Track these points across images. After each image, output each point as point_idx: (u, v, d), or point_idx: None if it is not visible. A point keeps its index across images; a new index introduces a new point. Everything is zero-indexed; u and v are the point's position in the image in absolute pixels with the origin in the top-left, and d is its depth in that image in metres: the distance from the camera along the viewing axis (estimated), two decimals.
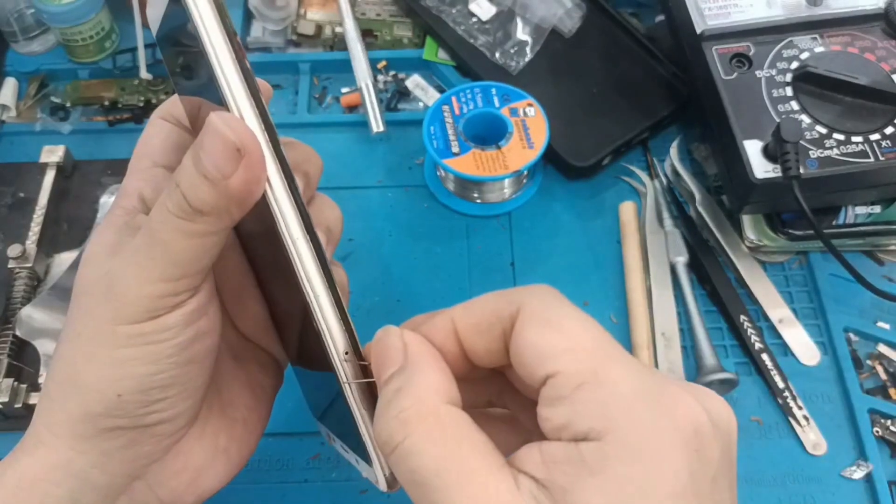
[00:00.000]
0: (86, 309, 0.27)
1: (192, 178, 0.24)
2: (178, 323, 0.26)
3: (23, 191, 0.52)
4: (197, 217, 0.24)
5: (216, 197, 0.24)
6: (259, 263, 0.31)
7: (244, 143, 0.23)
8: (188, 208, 0.24)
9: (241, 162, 0.23)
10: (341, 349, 0.26)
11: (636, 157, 0.55)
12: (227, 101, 0.24)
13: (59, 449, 0.27)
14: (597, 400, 0.21)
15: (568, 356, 0.22)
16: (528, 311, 0.24)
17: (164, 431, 0.28)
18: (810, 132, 0.45)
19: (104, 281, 0.26)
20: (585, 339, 0.23)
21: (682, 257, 0.49)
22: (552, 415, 0.22)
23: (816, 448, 0.44)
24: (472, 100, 0.52)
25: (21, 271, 0.48)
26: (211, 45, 0.24)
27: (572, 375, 0.22)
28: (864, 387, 0.46)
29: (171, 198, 0.24)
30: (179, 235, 0.24)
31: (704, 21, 0.49)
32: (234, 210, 0.24)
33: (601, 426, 0.21)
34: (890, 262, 0.50)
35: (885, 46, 0.47)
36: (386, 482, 0.27)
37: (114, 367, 0.26)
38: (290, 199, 0.25)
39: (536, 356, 0.23)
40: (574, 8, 0.58)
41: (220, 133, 0.23)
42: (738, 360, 0.47)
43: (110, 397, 0.26)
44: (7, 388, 0.43)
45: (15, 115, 0.58)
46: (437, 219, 0.53)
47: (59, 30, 0.57)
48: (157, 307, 0.26)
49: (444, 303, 0.29)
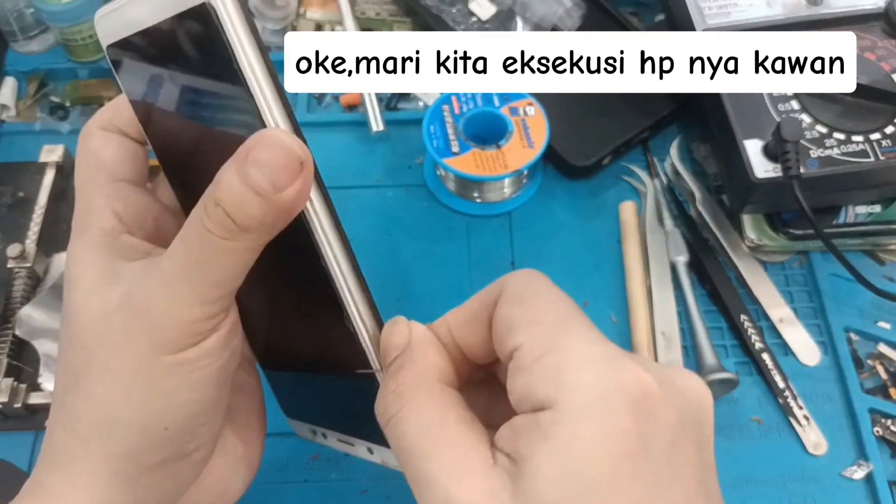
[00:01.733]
0: (113, 342, 0.25)
1: (238, 195, 0.23)
2: (217, 346, 0.26)
3: (22, 190, 0.52)
4: (240, 235, 0.23)
5: (266, 212, 0.23)
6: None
7: (305, 158, 0.23)
8: (233, 227, 0.23)
9: (300, 175, 0.23)
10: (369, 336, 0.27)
11: (636, 156, 0.55)
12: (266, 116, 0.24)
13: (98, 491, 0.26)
14: (551, 368, 0.22)
15: (532, 329, 0.23)
16: (507, 291, 0.25)
17: (201, 457, 0.28)
18: (810, 132, 0.45)
19: (128, 310, 0.25)
20: (550, 313, 0.23)
21: (682, 257, 0.49)
22: (514, 387, 0.23)
23: (817, 448, 0.43)
24: (472, 99, 0.52)
25: (20, 271, 0.48)
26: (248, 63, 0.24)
27: (533, 347, 0.23)
28: (865, 386, 0.46)
29: (210, 217, 0.23)
30: (220, 254, 0.24)
31: (704, 20, 0.49)
32: (280, 224, 0.24)
33: (554, 393, 0.21)
34: (890, 261, 0.50)
35: (885, 46, 0.47)
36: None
37: (159, 399, 0.25)
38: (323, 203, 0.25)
39: (505, 330, 0.24)
40: (574, 7, 0.58)
41: (286, 148, 0.23)
42: (739, 360, 0.47)
43: (157, 431, 0.26)
44: (7, 388, 0.43)
45: (14, 115, 0.58)
46: (437, 219, 0.53)
47: (59, 29, 0.57)
48: (199, 331, 0.25)
49: (444, 303, 0.29)
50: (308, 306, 0.29)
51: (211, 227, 0.23)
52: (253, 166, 0.23)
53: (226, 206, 0.23)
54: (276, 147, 0.23)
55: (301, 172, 0.23)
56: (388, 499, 0.43)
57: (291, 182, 0.23)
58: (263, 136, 0.23)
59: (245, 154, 0.23)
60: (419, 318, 0.49)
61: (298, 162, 0.23)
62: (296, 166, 0.23)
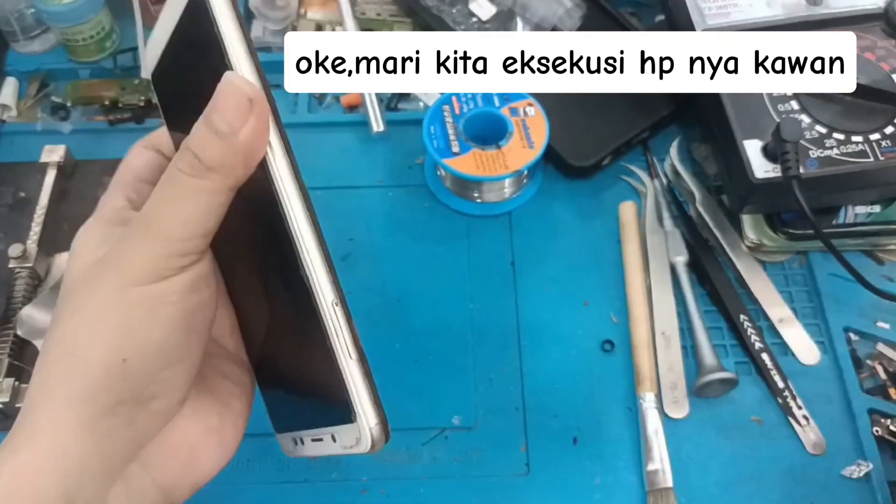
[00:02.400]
0: (86, 286, 0.27)
1: (203, 137, 0.26)
2: (184, 287, 0.27)
3: (23, 190, 0.52)
4: (207, 174, 0.26)
5: (226, 152, 0.26)
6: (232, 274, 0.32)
7: (254, 96, 0.26)
8: (199, 165, 0.26)
9: (252, 114, 0.26)
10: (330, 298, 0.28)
11: (636, 156, 0.55)
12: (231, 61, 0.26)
13: (57, 437, 0.26)
14: None
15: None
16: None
17: (162, 407, 0.28)
18: (810, 132, 0.45)
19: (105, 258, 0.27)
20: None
21: (682, 257, 0.49)
22: None
23: (816, 448, 0.44)
24: (472, 99, 0.52)
25: (22, 271, 0.48)
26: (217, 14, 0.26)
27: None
28: (864, 386, 0.46)
29: (182, 158, 0.26)
30: (189, 193, 0.26)
31: (704, 21, 0.49)
32: (241, 166, 0.26)
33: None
34: (890, 261, 0.50)
35: (885, 46, 0.47)
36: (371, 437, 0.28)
37: (120, 332, 0.26)
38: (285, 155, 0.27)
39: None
40: (574, 8, 0.58)
41: (234, 86, 0.25)
42: (738, 360, 0.47)
43: (115, 363, 0.26)
44: (8, 388, 0.43)
45: (16, 115, 0.58)
46: (437, 219, 0.53)
47: (60, 29, 0.57)
48: (168, 267, 0.27)
49: (444, 302, 0.30)
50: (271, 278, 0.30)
51: (181, 166, 0.26)
52: (213, 111, 0.26)
53: (193, 148, 0.26)
54: (229, 90, 0.26)
55: (252, 111, 0.26)
56: (387, 499, 0.43)
57: (244, 122, 0.25)
58: (221, 83, 0.26)
59: (211, 104, 0.26)
60: (419, 317, 0.49)
61: (247, 100, 0.25)
62: (245, 105, 0.25)
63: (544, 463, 0.44)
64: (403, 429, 0.44)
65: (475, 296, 0.49)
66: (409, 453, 0.44)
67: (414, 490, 0.43)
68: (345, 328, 0.28)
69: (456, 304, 0.49)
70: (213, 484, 0.44)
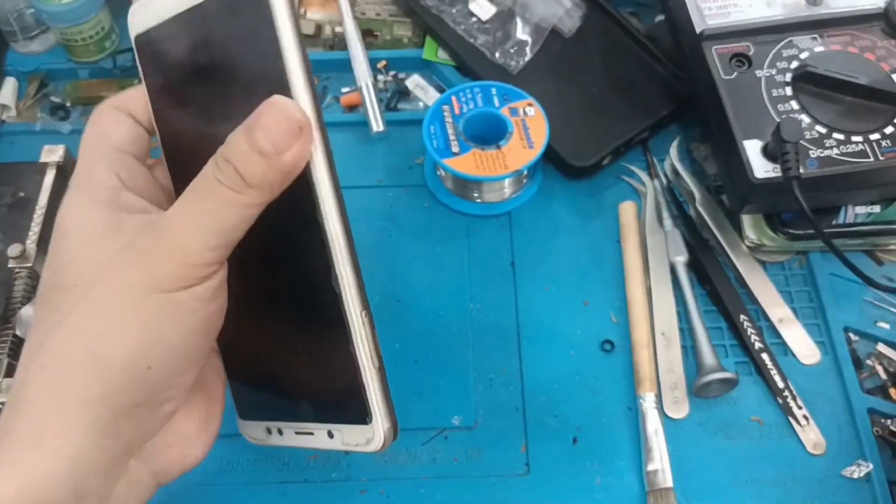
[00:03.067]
0: (107, 286, 0.26)
1: (246, 154, 0.26)
2: (206, 295, 0.27)
3: (23, 190, 0.52)
4: (246, 189, 0.26)
5: (268, 171, 0.26)
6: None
7: (304, 123, 0.26)
8: (240, 181, 0.26)
9: (299, 140, 0.26)
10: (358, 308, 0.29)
11: (636, 156, 0.55)
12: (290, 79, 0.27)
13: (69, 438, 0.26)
14: None
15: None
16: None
17: (171, 408, 0.29)
18: (810, 132, 0.45)
19: (128, 254, 0.26)
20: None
21: (681, 257, 0.49)
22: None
23: (816, 448, 0.44)
24: (472, 99, 0.52)
25: (21, 271, 0.48)
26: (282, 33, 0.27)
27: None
28: (864, 386, 0.46)
29: (222, 171, 0.26)
30: (225, 205, 0.26)
31: (704, 21, 0.49)
32: (279, 185, 0.27)
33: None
34: (889, 261, 0.50)
35: (885, 46, 0.47)
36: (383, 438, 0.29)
37: (146, 336, 0.26)
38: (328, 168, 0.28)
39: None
40: (574, 8, 0.58)
41: (286, 111, 0.26)
42: (738, 360, 0.47)
43: (140, 370, 0.26)
44: (8, 388, 0.43)
45: (15, 115, 0.58)
46: (437, 219, 0.53)
47: (59, 29, 0.57)
48: (194, 276, 0.27)
49: (444, 303, 0.30)
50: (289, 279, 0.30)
51: (221, 177, 0.26)
52: (259, 130, 0.26)
53: (235, 164, 0.26)
54: (280, 113, 0.26)
55: (300, 137, 0.26)
56: (387, 499, 0.43)
57: (291, 145, 0.26)
58: (269, 104, 0.26)
59: (254, 119, 0.26)
60: (419, 317, 0.49)
61: (298, 127, 0.26)
62: (295, 130, 0.26)
63: (544, 463, 0.44)
64: (403, 429, 0.43)
65: (475, 296, 0.49)
66: (408, 453, 0.44)
67: (414, 490, 0.43)
68: (369, 337, 0.29)
69: (456, 304, 0.49)
70: (213, 484, 0.44)
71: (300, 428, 0.32)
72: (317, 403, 0.31)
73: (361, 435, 0.30)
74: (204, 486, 0.43)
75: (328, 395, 0.30)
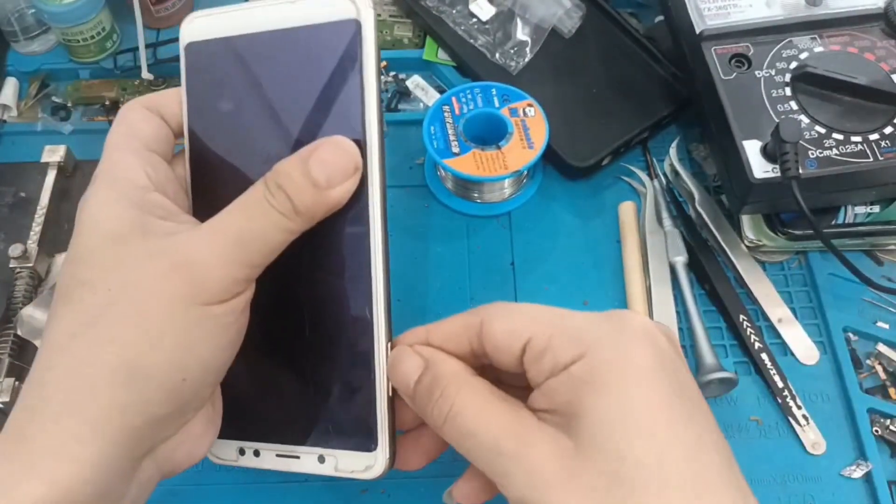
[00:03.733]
0: (145, 289, 0.26)
1: (299, 184, 0.27)
2: (238, 308, 0.28)
3: (24, 190, 0.52)
4: (295, 216, 0.28)
5: (316, 202, 0.28)
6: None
7: (359, 164, 0.29)
8: (291, 208, 0.27)
9: (351, 178, 0.28)
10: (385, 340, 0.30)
11: (636, 157, 0.55)
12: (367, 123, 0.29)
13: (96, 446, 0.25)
14: (568, 337, 0.27)
15: (534, 324, 0.28)
16: (490, 313, 0.29)
17: (189, 418, 0.29)
18: (809, 132, 0.45)
19: (164, 260, 0.26)
20: (541, 312, 0.29)
21: (681, 257, 0.49)
22: (540, 366, 0.27)
23: (816, 447, 0.44)
24: (472, 100, 0.52)
25: (22, 271, 0.48)
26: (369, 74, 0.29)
27: (543, 333, 0.27)
28: (864, 386, 0.46)
29: (274, 196, 0.27)
30: (274, 227, 0.28)
31: (704, 21, 0.49)
32: (321, 215, 0.28)
33: (578, 351, 0.26)
34: (889, 261, 0.50)
35: (885, 46, 0.47)
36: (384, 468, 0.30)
37: (185, 350, 0.27)
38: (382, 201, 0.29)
39: (509, 335, 0.28)
40: (574, 8, 0.58)
41: (348, 151, 0.28)
42: (738, 360, 0.47)
43: (175, 382, 0.27)
44: (8, 388, 0.43)
45: (16, 115, 0.58)
46: (437, 219, 0.53)
47: (60, 30, 0.57)
48: (231, 291, 0.27)
49: (444, 303, 0.31)
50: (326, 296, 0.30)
51: (274, 203, 0.27)
52: (316, 162, 0.28)
53: (287, 190, 0.27)
54: (340, 150, 0.28)
55: (352, 176, 0.28)
56: (387, 498, 0.43)
57: (343, 181, 0.28)
58: (331, 140, 0.28)
59: (309, 153, 0.28)
60: (419, 317, 0.49)
61: (354, 166, 0.28)
62: (350, 169, 0.28)
63: None
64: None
65: (475, 296, 0.49)
66: None
67: (414, 490, 0.43)
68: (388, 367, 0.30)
69: (456, 304, 0.49)
70: (212, 484, 0.44)
71: (284, 451, 0.32)
72: (315, 427, 0.31)
73: (361, 462, 0.30)
74: (204, 486, 0.43)
75: (333, 420, 0.30)
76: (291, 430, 0.31)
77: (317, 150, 0.28)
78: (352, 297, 0.30)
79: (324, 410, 0.31)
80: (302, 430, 0.31)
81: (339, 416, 0.30)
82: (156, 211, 0.28)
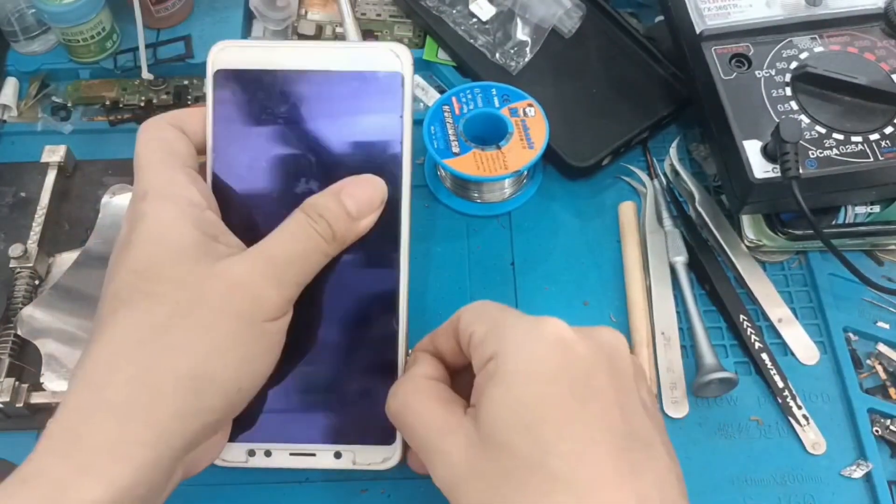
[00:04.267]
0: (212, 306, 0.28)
1: (337, 213, 0.32)
2: (285, 325, 0.31)
3: (24, 191, 0.52)
4: (333, 242, 0.32)
5: (349, 230, 0.32)
6: None
7: (384, 201, 0.33)
8: (332, 235, 0.32)
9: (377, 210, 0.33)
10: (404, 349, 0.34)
11: (636, 157, 0.55)
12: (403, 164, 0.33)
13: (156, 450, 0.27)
14: (495, 335, 0.30)
15: (480, 320, 0.31)
16: (463, 310, 0.33)
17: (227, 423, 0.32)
18: (810, 132, 0.45)
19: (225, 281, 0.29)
20: (492, 309, 0.32)
21: (681, 257, 0.49)
22: (476, 360, 0.30)
23: (816, 447, 0.44)
24: (472, 100, 0.52)
25: (22, 271, 0.48)
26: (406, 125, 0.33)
27: (481, 330, 0.30)
28: (864, 386, 0.46)
29: (317, 223, 0.31)
30: (316, 252, 0.32)
31: (704, 21, 0.49)
32: (349, 242, 0.33)
33: (497, 348, 0.29)
34: (889, 261, 0.50)
35: (885, 46, 0.47)
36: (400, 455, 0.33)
37: (244, 362, 0.29)
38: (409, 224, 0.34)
39: (464, 327, 0.31)
40: (574, 8, 0.58)
41: (378, 189, 0.33)
42: (738, 360, 0.47)
43: (232, 392, 0.29)
44: (8, 388, 0.43)
45: (16, 115, 0.58)
46: (437, 219, 0.53)
47: (60, 30, 0.57)
48: (284, 309, 0.31)
49: (444, 303, 0.32)
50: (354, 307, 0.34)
51: (318, 229, 0.31)
52: (350, 195, 0.32)
53: (328, 219, 0.31)
54: (372, 188, 0.33)
55: (378, 208, 0.33)
56: (387, 498, 0.43)
57: (370, 214, 0.33)
58: (361, 178, 0.33)
59: (340, 188, 0.32)
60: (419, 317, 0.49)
61: (380, 202, 0.33)
62: (378, 205, 0.33)
63: None
64: None
65: (475, 296, 0.49)
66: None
67: (414, 490, 0.43)
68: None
69: (456, 304, 0.48)
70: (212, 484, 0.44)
71: (299, 449, 0.34)
72: (335, 425, 0.34)
73: (379, 454, 0.33)
74: (203, 486, 0.43)
75: (354, 419, 0.34)
76: (307, 429, 0.34)
77: (348, 186, 0.32)
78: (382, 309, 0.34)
79: (345, 411, 0.33)
80: (319, 429, 0.34)
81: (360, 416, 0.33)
82: (210, 230, 0.31)
